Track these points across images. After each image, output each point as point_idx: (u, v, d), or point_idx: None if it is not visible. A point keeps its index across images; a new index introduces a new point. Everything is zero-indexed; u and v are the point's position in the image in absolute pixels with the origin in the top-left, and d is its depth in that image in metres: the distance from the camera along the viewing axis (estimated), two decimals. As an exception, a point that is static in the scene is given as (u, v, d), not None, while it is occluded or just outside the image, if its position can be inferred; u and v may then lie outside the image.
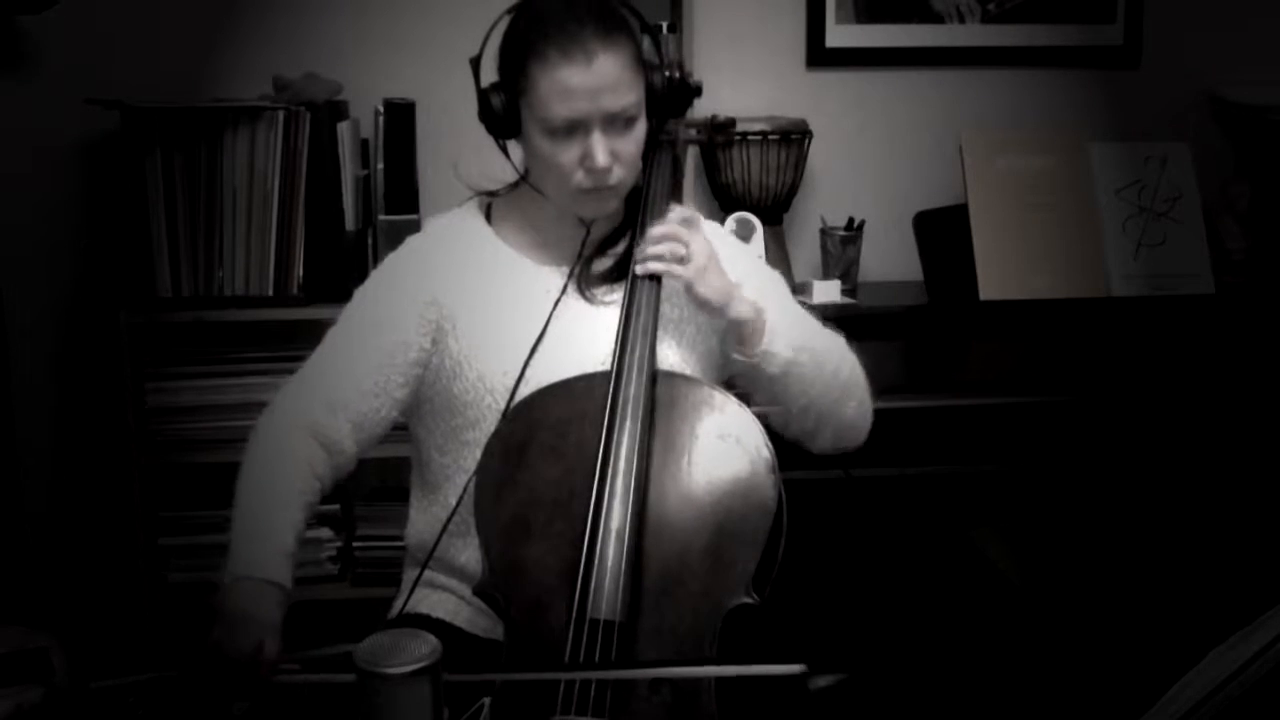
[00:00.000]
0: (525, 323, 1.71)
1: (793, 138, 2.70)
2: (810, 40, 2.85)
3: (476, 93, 1.71)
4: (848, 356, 1.81)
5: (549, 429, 1.63)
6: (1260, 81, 2.85)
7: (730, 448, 1.61)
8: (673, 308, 1.76)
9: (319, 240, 2.55)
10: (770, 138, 2.67)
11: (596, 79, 1.61)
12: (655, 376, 1.65)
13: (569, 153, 1.65)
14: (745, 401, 1.68)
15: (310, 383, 1.73)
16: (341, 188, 2.57)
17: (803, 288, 2.61)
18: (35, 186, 2.67)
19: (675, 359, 1.74)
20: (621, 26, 1.66)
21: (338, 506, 2.62)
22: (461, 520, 1.70)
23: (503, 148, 1.75)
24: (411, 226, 2.54)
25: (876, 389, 1.82)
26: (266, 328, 2.58)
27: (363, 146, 2.68)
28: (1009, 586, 2.42)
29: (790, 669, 1.40)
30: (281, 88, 2.61)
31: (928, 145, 2.86)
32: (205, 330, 2.59)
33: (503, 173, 1.78)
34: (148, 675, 1.46)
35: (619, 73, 1.63)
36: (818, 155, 2.79)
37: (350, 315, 1.77)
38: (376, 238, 2.61)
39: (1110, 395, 2.47)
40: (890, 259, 2.84)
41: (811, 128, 2.74)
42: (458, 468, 1.73)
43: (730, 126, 2.04)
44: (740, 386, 1.79)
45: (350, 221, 2.59)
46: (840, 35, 2.84)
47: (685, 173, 2.75)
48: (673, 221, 1.70)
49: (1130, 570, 2.41)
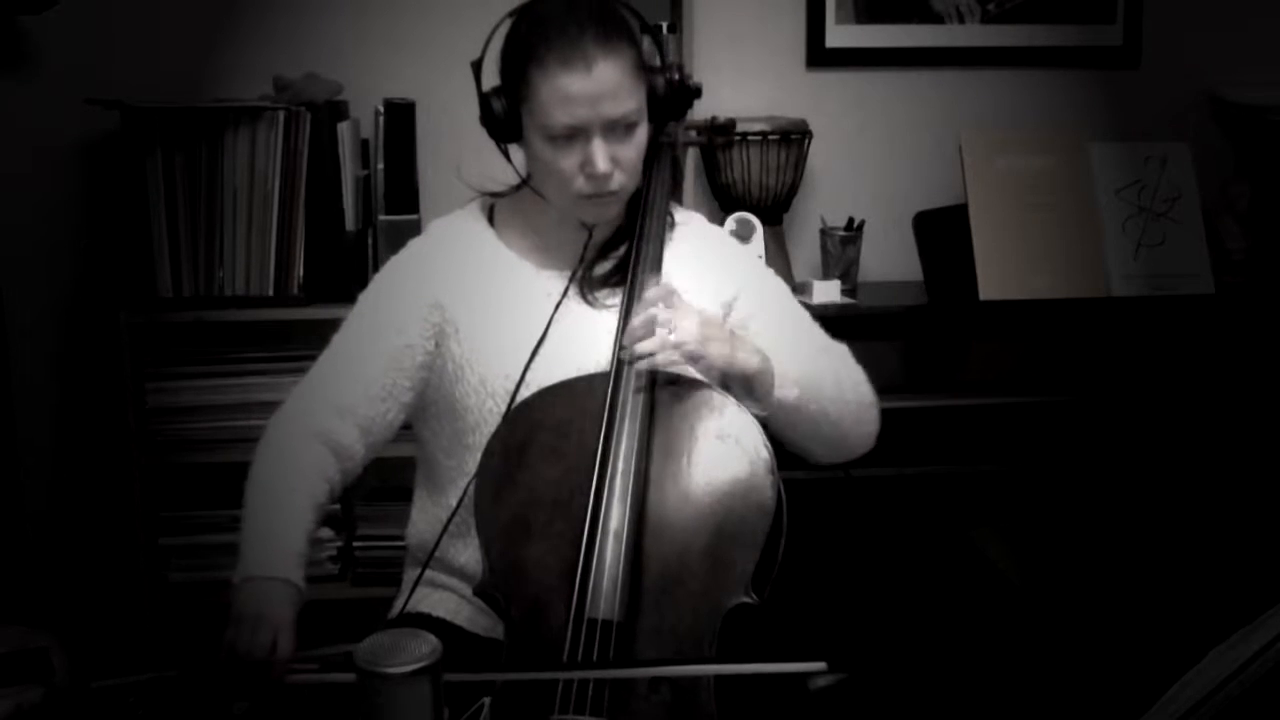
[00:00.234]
0: (526, 326, 1.71)
1: (793, 138, 2.70)
2: (810, 40, 2.84)
3: (478, 97, 1.71)
4: (853, 375, 1.79)
5: (549, 429, 1.64)
6: (1260, 81, 2.85)
7: (729, 448, 1.61)
8: None
9: (319, 240, 2.55)
10: (770, 138, 2.67)
11: (597, 86, 1.61)
12: (655, 377, 1.65)
13: (570, 158, 1.65)
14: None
15: (318, 387, 1.73)
16: (342, 188, 2.57)
17: (803, 288, 2.61)
18: (36, 186, 2.67)
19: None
20: (622, 32, 1.65)
21: (338, 506, 2.62)
22: (462, 520, 1.70)
23: (504, 151, 1.75)
24: (411, 226, 2.55)
25: (876, 389, 1.81)
26: (267, 328, 2.59)
27: (363, 147, 2.68)
28: (1009, 586, 2.42)
29: (812, 666, 1.40)
30: (282, 88, 2.61)
31: (928, 145, 2.86)
32: (206, 330, 2.59)
33: (505, 174, 1.78)
34: (148, 675, 1.47)
35: (619, 79, 1.62)
36: (818, 155, 2.79)
37: (355, 319, 1.77)
38: (377, 238, 2.61)
39: (1110, 395, 2.47)
40: (890, 259, 2.84)
41: (811, 128, 2.74)
42: (461, 471, 1.73)
43: (730, 128, 2.03)
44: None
45: (350, 221, 2.59)
46: (840, 35, 2.84)
47: (685, 173, 2.75)
48: (650, 303, 1.64)
49: (1130, 570, 2.41)
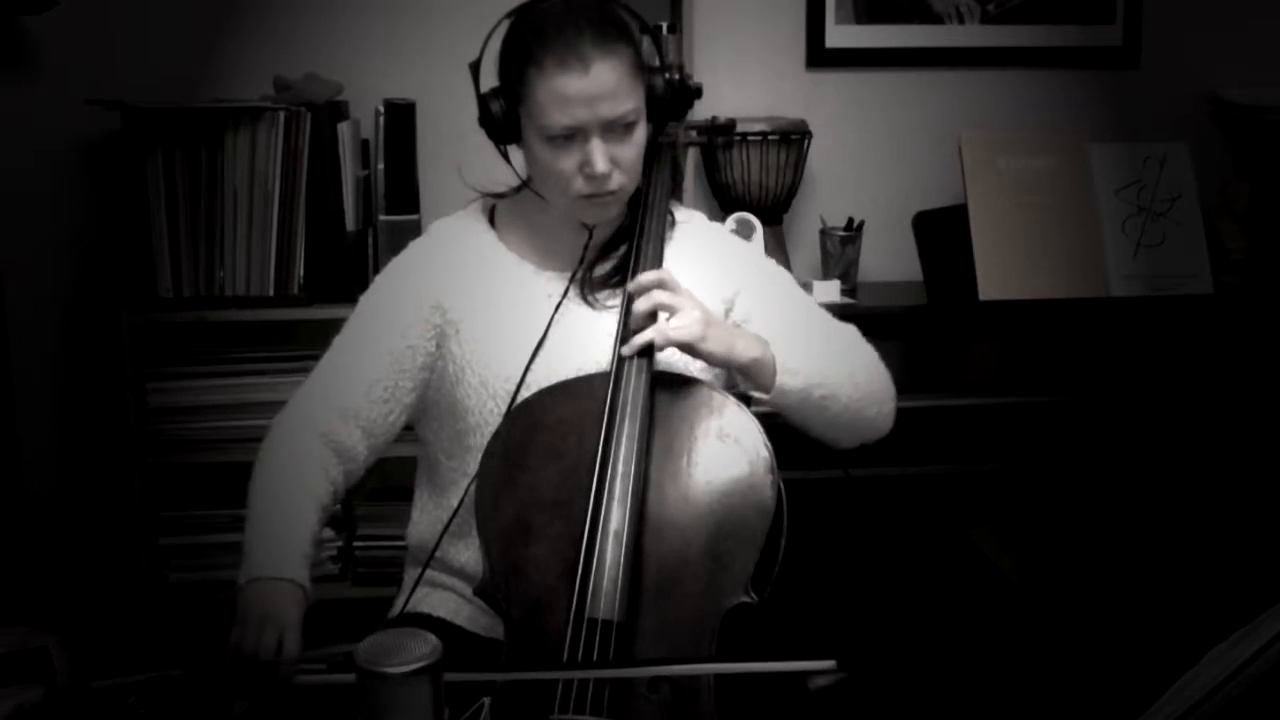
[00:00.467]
0: (527, 328, 1.71)
1: (792, 138, 2.70)
2: (810, 41, 2.84)
3: (476, 98, 1.71)
4: (863, 357, 1.78)
5: (549, 430, 1.64)
6: (1259, 82, 2.85)
7: (729, 448, 1.61)
8: None
9: (319, 240, 2.55)
10: (770, 138, 2.67)
11: (594, 87, 1.60)
12: (655, 377, 1.65)
13: (568, 159, 1.64)
14: (745, 402, 1.69)
15: (321, 389, 1.73)
16: (342, 188, 2.57)
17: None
18: (37, 186, 2.67)
19: (683, 359, 1.71)
20: (620, 33, 1.65)
21: (338, 506, 2.62)
22: (462, 521, 1.70)
23: (503, 153, 1.74)
24: (412, 227, 2.55)
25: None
26: (267, 328, 2.59)
27: (363, 147, 2.68)
28: (1008, 586, 2.42)
29: (819, 665, 1.40)
30: (282, 88, 2.61)
31: (927, 145, 2.86)
32: (206, 330, 2.59)
33: (505, 175, 1.78)
34: (148, 675, 1.47)
35: (617, 80, 1.62)
36: (817, 155, 2.79)
37: (357, 321, 1.77)
38: (377, 238, 2.61)
39: (1110, 395, 2.48)
40: (890, 259, 2.84)
41: (811, 128, 2.74)
42: (462, 472, 1.73)
43: (731, 128, 2.03)
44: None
45: (351, 222, 2.59)
46: (840, 36, 2.84)
47: (685, 173, 2.75)
48: (647, 286, 1.64)
49: (1130, 570, 2.41)
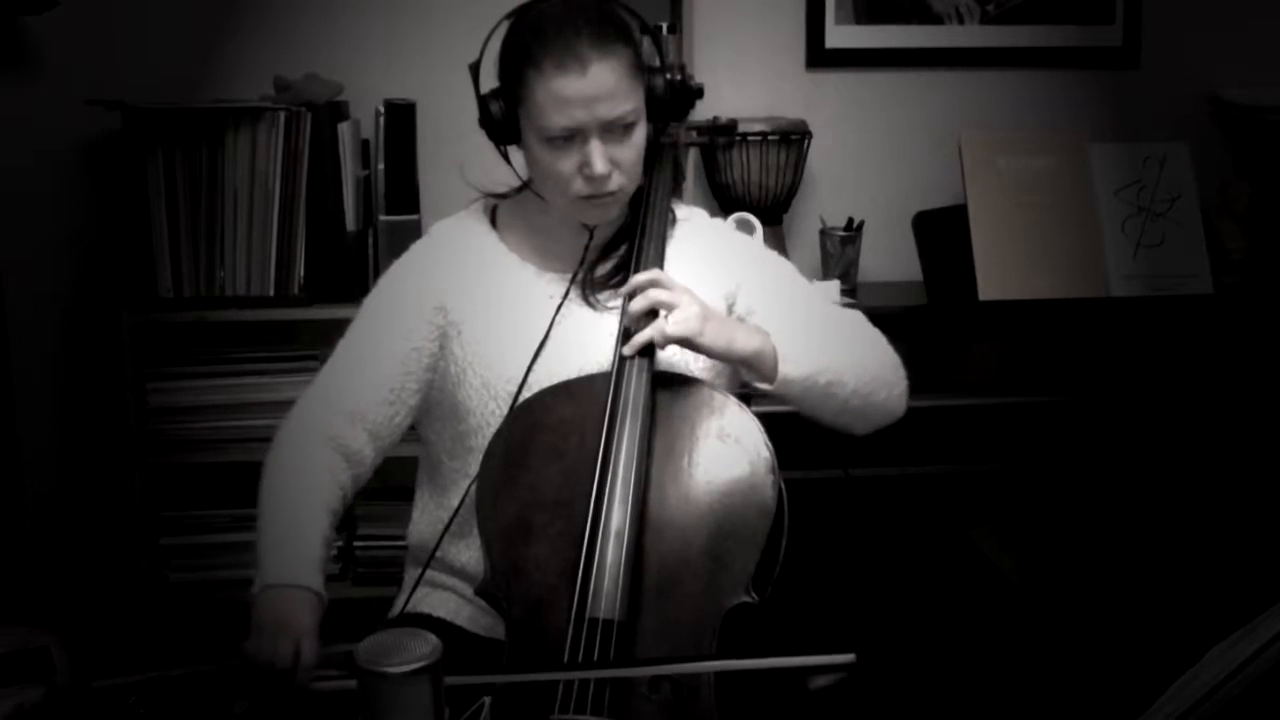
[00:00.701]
0: (529, 329, 1.71)
1: (792, 138, 2.70)
2: (810, 41, 2.85)
3: (476, 99, 1.71)
4: (869, 342, 1.77)
5: (550, 430, 1.64)
6: (1259, 82, 2.85)
7: (730, 448, 1.61)
8: None
9: (320, 240, 2.55)
10: (770, 138, 2.67)
11: (592, 88, 1.60)
12: (656, 377, 1.65)
13: (568, 161, 1.64)
14: (746, 402, 1.69)
15: (327, 393, 1.73)
16: (342, 188, 2.57)
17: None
18: (37, 186, 2.67)
19: (684, 358, 1.71)
20: (619, 33, 1.64)
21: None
22: (463, 521, 1.71)
23: (504, 154, 1.74)
24: (412, 227, 2.55)
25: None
26: (268, 328, 2.59)
27: (363, 147, 2.68)
28: (1008, 586, 2.42)
29: (839, 659, 1.39)
30: (282, 88, 2.61)
31: (927, 145, 2.86)
32: (206, 330, 2.59)
33: (507, 175, 1.78)
34: (148, 675, 1.47)
35: (616, 81, 1.62)
36: (817, 155, 2.79)
37: (361, 324, 1.77)
38: (377, 238, 2.62)
39: (1109, 395, 2.48)
40: (890, 259, 2.84)
41: (811, 128, 2.74)
42: (463, 472, 1.73)
43: (732, 129, 2.02)
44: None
45: (351, 222, 2.60)
46: (840, 36, 2.84)
47: (686, 174, 2.75)
48: (643, 285, 1.64)
49: (1129, 569, 2.41)
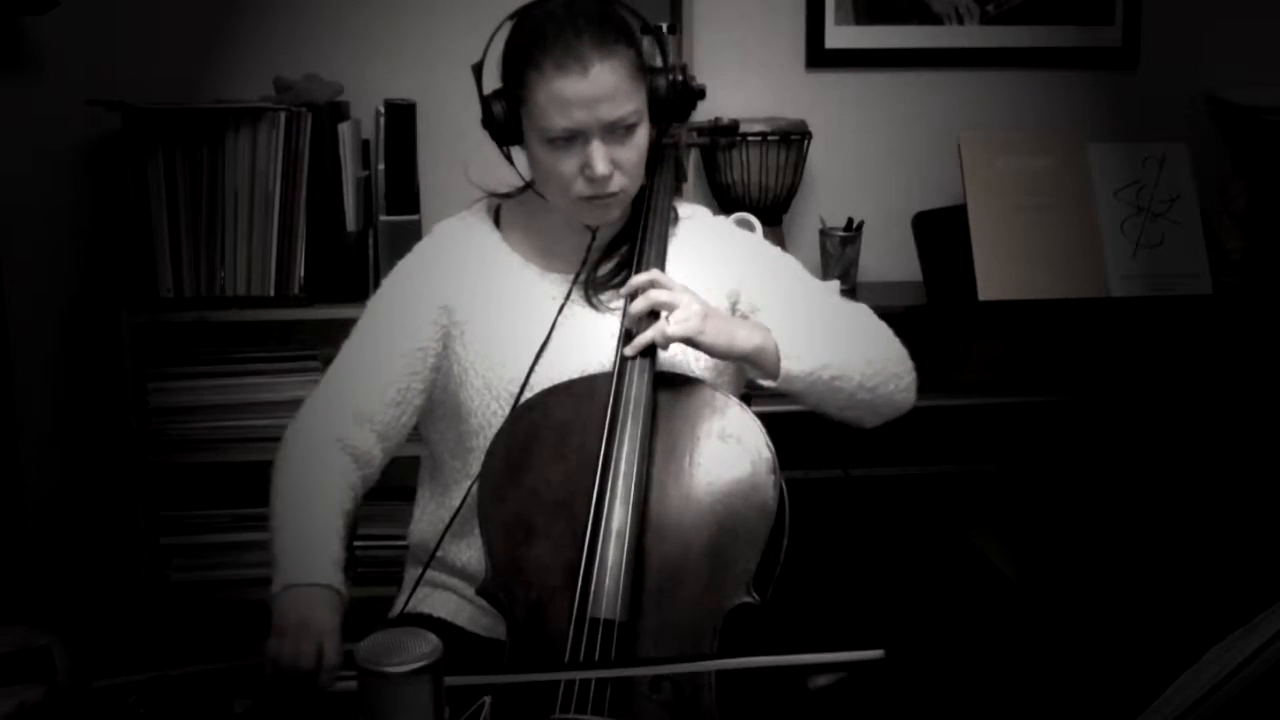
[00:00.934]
0: (531, 330, 1.71)
1: (792, 139, 2.71)
2: (810, 41, 2.85)
3: (479, 99, 1.71)
4: (875, 335, 1.77)
5: (552, 430, 1.64)
6: (1258, 82, 2.85)
7: (731, 449, 1.62)
8: None
9: (320, 241, 2.56)
10: (770, 139, 2.68)
11: (593, 89, 1.60)
12: (657, 378, 1.65)
13: (569, 162, 1.64)
14: (746, 400, 1.69)
15: (335, 395, 1.73)
16: (343, 188, 2.58)
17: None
18: (38, 187, 2.67)
19: (686, 357, 1.71)
20: (620, 34, 1.64)
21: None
22: (464, 521, 1.71)
23: (507, 154, 1.74)
24: (412, 227, 2.56)
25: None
26: (268, 328, 2.60)
27: (364, 147, 2.68)
28: (1008, 585, 2.43)
29: (868, 655, 1.39)
30: (283, 89, 2.62)
31: (927, 146, 2.86)
32: (207, 330, 2.60)
33: (507, 175, 1.79)
34: (149, 674, 1.47)
35: (617, 82, 1.62)
36: (817, 156, 2.80)
37: (366, 325, 1.77)
38: (377, 238, 2.62)
39: (1109, 395, 2.48)
40: (889, 259, 2.84)
41: (811, 128, 2.75)
42: (465, 473, 1.74)
43: (734, 130, 2.02)
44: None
45: (351, 222, 2.60)
46: (840, 36, 2.84)
47: (687, 175, 2.75)
48: (642, 286, 1.64)
49: (1129, 569, 2.41)
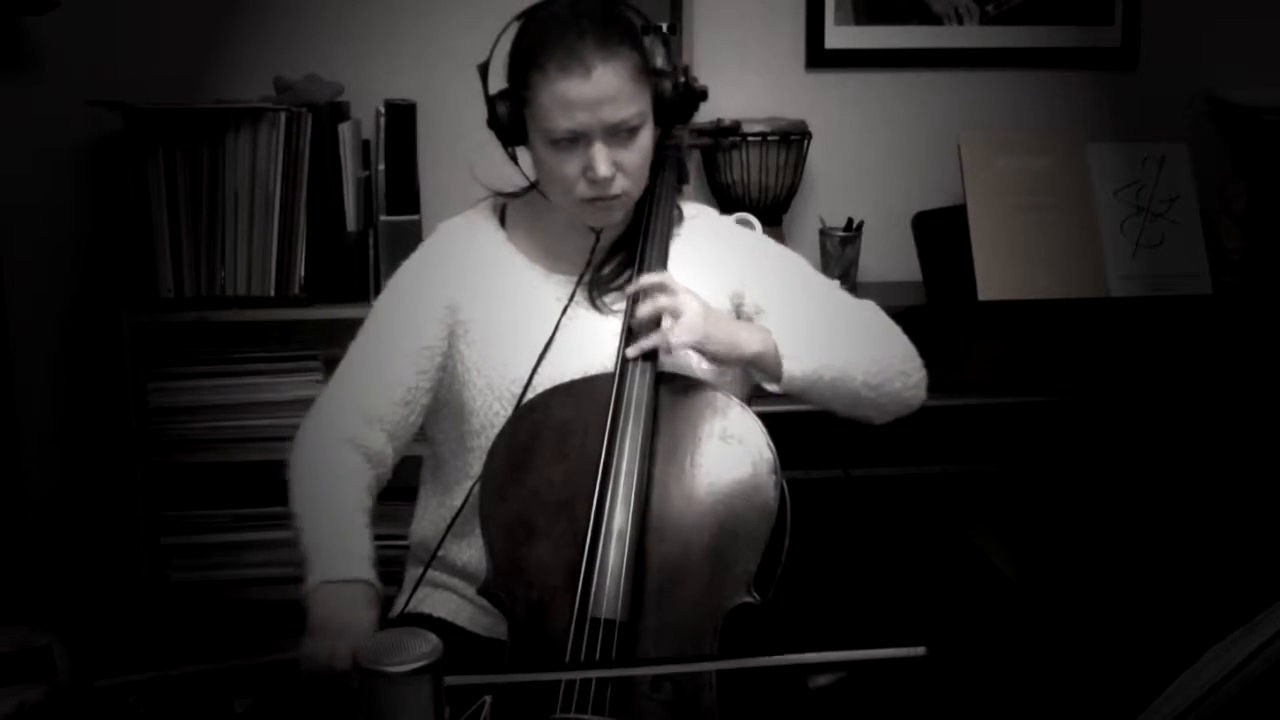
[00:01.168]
0: (534, 331, 1.71)
1: (792, 139, 2.71)
2: (809, 42, 2.85)
3: (485, 99, 1.71)
4: (881, 332, 1.77)
5: (553, 430, 1.64)
6: (1257, 82, 2.85)
7: (733, 449, 1.62)
8: None
9: (320, 241, 2.56)
10: (770, 139, 2.68)
11: (596, 91, 1.60)
12: (659, 378, 1.65)
13: (572, 163, 1.65)
14: (747, 401, 1.69)
15: (345, 396, 1.73)
16: (343, 188, 2.58)
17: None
18: (38, 187, 2.67)
19: (689, 359, 1.70)
20: (624, 36, 1.65)
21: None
22: (464, 520, 1.71)
23: (511, 155, 1.75)
24: (412, 227, 2.56)
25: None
26: (268, 328, 2.60)
27: (364, 147, 2.68)
28: (1008, 585, 2.43)
29: (911, 651, 1.39)
30: (283, 89, 2.62)
31: (927, 146, 2.86)
32: (207, 330, 2.60)
33: (508, 174, 1.79)
34: (149, 674, 1.47)
35: (620, 84, 1.62)
36: (817, 156, 2.80)
37: (373, 325, 1.77)
38: (378, 238, 2.62)
39: (1109, 395, 2.48)
40: (889, 259, 2.84)
41: (811, 128, 2.75)
42: (467, 473, 1.74)
43: (736, 130, 2.01)
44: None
45: (351, 222, 2.60)
46: (839, 37, 2.85)
47: (690, 176, 2.75)
48: (647, 289, 1.65)
49: (1129, 569, 2.41)
